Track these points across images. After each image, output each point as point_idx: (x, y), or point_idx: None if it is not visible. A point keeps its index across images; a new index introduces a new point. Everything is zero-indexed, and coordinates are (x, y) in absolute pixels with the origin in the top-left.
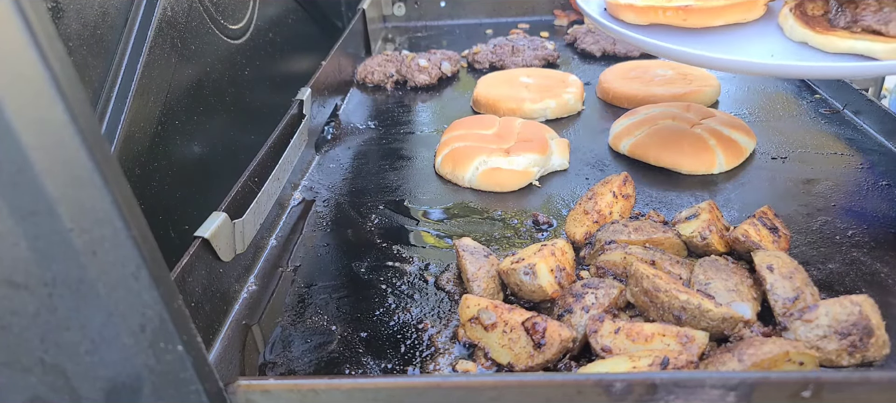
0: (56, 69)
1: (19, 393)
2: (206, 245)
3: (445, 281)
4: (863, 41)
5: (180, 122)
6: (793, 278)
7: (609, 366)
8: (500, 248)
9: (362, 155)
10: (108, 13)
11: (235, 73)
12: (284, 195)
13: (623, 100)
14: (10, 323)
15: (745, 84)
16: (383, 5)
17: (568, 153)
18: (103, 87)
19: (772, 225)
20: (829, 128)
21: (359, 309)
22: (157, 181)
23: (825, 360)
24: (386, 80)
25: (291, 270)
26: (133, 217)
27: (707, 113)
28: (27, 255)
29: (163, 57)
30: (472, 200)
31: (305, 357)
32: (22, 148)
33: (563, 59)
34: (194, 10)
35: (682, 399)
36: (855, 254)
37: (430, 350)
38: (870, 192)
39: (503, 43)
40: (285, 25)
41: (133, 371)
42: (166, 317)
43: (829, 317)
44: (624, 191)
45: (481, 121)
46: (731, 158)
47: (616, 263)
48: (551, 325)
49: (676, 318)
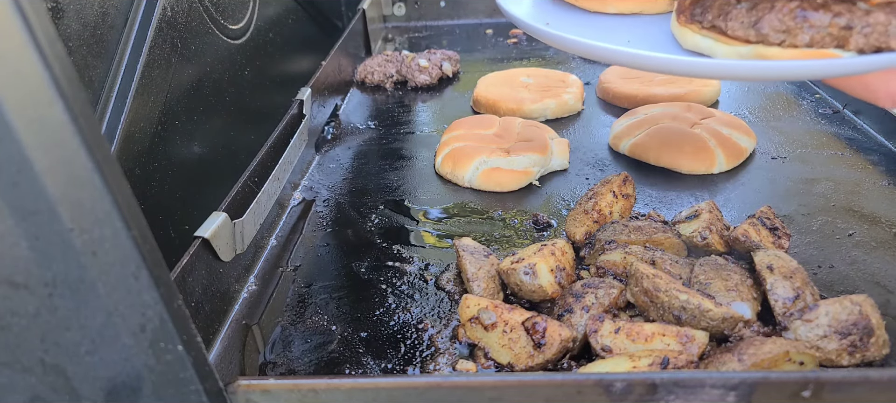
0: (56, 69)
1: (19, 393)
2: (206, 245)
3: (445, 281)
4: (708, 39)
5: (180, 122)
6: (793, 278)
7: (609, 366)
8: (500, 248)
9: (362, 155)
10: (108, 13)
11: (235, 73)
12: (284, 195)
13: (623, 100)
14: (10, 323)
15: (744, 84)
16: (383, 5)
17: (568, 153)
18: (103, 87)
19: (772, 225)
20: (829, 128)
21: (359, 309)
22: (157, 181)
23: (825, 360)
24: (386, 80)
25: (291, 270)
26: (133, 217)
27: (707, 113)
28: (27, 255)
29: (163, 57)
30: (472, 200)
31: (305, 357)
32: (22, 148)
33: (563, 59)
34: (194, 10)
35: (682, 399)
36: (855, 254)
37: (430, 350)
38: (870, 192)
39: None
40: (285, 25)
41: (133, 371)
42: (166, 317)
43: (829, 317)
44: (624, 191)
45: (481, 121)
46: (731, 158)
47: (616, 263)
48: (551, 325)
49: (676, 318)
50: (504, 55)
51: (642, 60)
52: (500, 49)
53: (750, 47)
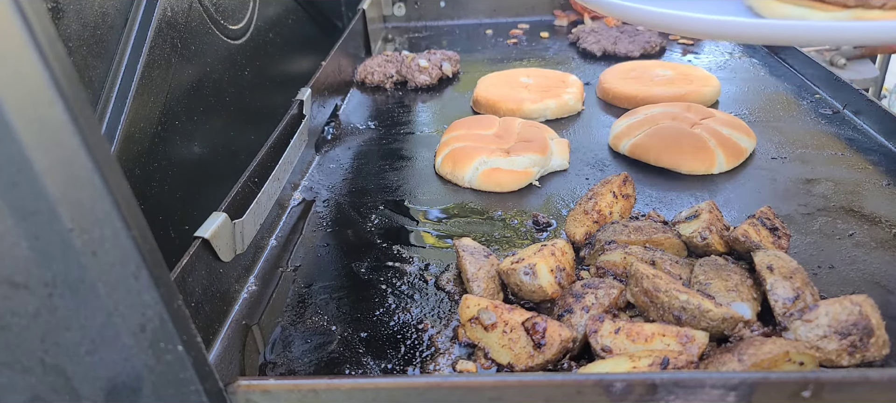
0: (56, 69)
1: (19, 393)
2: (206, 245)
3: (445, 281)
4: (801, 7)
5: (180, 122)
6: (793, 278)
7: (609, 366)
8: (500, 248)
9: (362, 155)
10: (108, 14)
11: (235, 73)
12: (284, 195)
13: (623, 100)
14: (10, 323)
15: (745, 84)
16: (383, 5)
17: (568, 153)
18: (103, 87)
19: (772, 225)
20: (829, 128)
21: (359, 309)
22: (157, 181)
23: (825, 360)
24: (386, 81)
25: (291, 270)
26: (133, 217)
27: (707, 113)
28: (27, 255)
29: (163, 57)
30: (472, 200)
31: (305, 357)
32: (22, 148)
33: (563, 59)
34: (194, 11)
35: (682, 399)
36: (855, 254)
37: (430, 351)
38: (870, 192)
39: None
40: (285, 25)
41: (133, 371)
42: (166, 317)
43: (829, 317)
44: (624, 191)
45: (481, 121)
46: (731, 158)
47: (616, 263)
48: (551, 325)
49: (676, 318)
50: (504, 55)
51: (766, 29)
52: (500, 49)
53: (848, 11)
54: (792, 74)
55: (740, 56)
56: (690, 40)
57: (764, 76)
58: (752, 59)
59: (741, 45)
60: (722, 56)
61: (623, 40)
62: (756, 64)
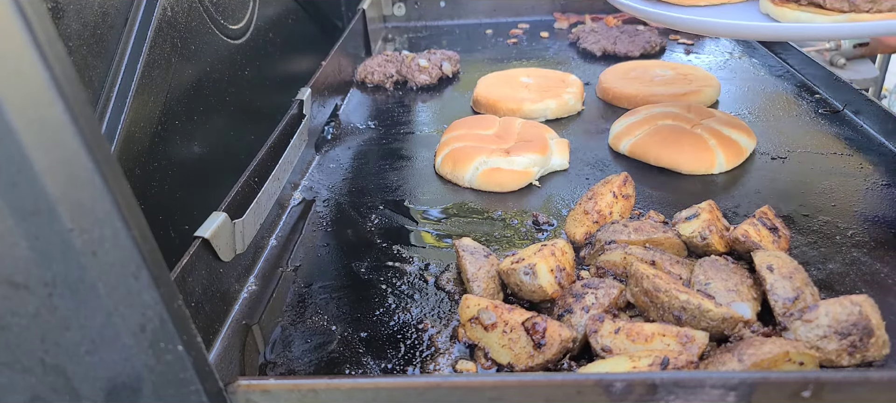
0: (56, 69)
1: (19, 393)
2: (206, 245)
3: (445, 281)
4: (807, 12)
5: (180, 122)
6: (793, 278)
7: (609, 366)
8: (500, 248)
9: (362, 155)
10: (108, 13)
11: (235, 73)
12: (284, 195)
13: (623, 100)
14: (10, 323)
15: (745, 84)
16: (383, 5)
17: (568, 153)
18: (103, 87)
19: (772, 225)
20: (829, 128)
21: (359, 309)
22: (157, 181)
23: (825, 360)
24: (386, 80)
25: (291, 270)
26: (133, 217)
27: (707, 113)
28: (27, 255)
29: (163, 57)
30: (472, 200)
31: (305, 357)
32: (22, 148)
33: (563, 59)
34: (194, 10)
35: (682, 399)
36: (855, 254)
37: (430, 351)
38: (870, 192)
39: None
40: (285, 25)
41: (133, 371)
42: (166, 317)
43: (829, 317)
44: (624, 191)
45: (481, 121)
46: (731, 158)
47: (616, 263)
48: (551, 325)
49: (676, 318)
50: (504, 55)
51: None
52: (500, 49)
53: (845, 15)
54: (792, 74)
55: (740, 56)
56: (691, 40)
57: (764, 76)
58: (752, 59)
59: (741, 46)
60: (722, 56)
61: (623, 40)
62: (756, 64)
